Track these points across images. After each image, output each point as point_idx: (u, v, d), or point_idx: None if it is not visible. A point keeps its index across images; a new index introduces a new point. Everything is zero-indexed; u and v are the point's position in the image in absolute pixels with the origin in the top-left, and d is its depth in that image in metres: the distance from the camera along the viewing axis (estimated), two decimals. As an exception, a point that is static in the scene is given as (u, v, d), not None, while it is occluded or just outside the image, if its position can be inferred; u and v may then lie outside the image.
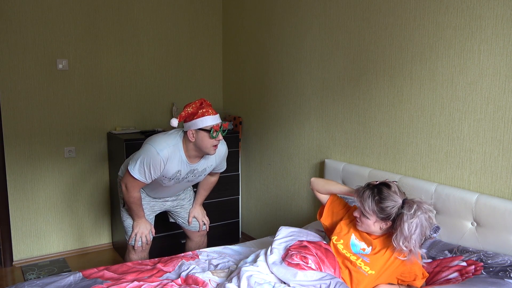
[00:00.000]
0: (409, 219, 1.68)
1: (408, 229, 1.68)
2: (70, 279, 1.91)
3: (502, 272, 1.67)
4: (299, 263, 1.80)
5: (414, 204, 1.71)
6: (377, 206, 1.76)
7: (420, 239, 1.72)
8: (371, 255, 1.84)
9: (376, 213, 1.77)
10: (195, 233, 2.69)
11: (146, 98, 3.70)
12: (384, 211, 1.75)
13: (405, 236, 1.69)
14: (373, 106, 2.52)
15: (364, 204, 1.78)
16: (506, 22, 1.87)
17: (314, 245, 1.91)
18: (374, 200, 1.76)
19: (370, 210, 1.77)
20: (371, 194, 1.78)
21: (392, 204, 1.74)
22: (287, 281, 1.76)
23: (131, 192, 2.27)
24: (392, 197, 1.75)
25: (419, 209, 1.70)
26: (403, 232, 1.69)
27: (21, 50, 3.17)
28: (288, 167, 3.25)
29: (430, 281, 1.83)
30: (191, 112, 2.16)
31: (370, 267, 1.81)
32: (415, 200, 1.74)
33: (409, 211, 1.69)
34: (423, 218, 1.70)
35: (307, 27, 2.95)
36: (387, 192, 1.76)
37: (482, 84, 1.97)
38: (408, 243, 1.69)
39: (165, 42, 3.72)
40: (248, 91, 3.67)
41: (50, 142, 3.35)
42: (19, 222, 3.32)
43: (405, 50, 2.30)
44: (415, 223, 1.68)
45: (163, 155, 2.16)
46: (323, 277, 1.74)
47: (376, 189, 1.79)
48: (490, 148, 1.97)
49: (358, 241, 1.90)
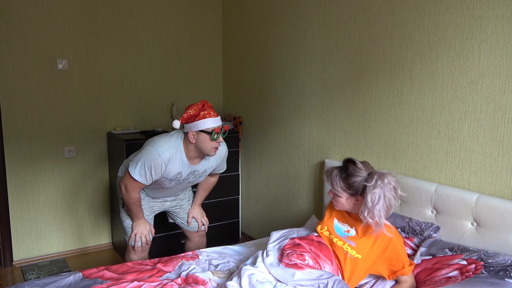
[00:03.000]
0: (371, 190, 1.70)
1: (371, 200, 1.70)
2: (70, 279, 1.92)
3: (502, 272, 1.67)
4: (296, 262, 1.81)
5: (375, 175, 1.73)
6: (345, 183, 1.80)
7: (385, 210, 1.72)
8: (357, 240, 1.86)
9: (345, 190, 1.81)
10: (194, 234, 2.69)
11: (146, 98, 3.70)
12: (352, 186, 1.79)
13: (368, 208, 1.71)
14: (373, 106, 2.52)
15: (333, 183, 1.84)
16: (506, 22, 1.87)
17: (306, 240, 1.94)
18: (341, 177, 1.81)
19: (339, 187, 1.82)
20: (338, 172, 1.83)
21: (358, 179, 1.78)
22: (286, 281, 1.77)
23: (130, 193, 2.27)
24: (357, 172, 1.79)
25: (380, 179, 1.71)
26: (367, 204, 1.71)
27: (21, 50, 3.17)
28: (288, 167, 3.25)
29: (429, 276, 1.82)
30: (193, 114, 2.16)
31: (356, 251, 1.84)
32: (378, 171, 1.76)
33: (370, 183, 1.71)
34: (386, 189, 1.70)
35: (307, 27, 2.95)
36: (352, 168, 1.80)
37: (482, 84, 1.97)
38: (372, 214, 1.71)
39: (165, 42, 3.73)
40: (248, 91, 3.67)
41: (50, 142, 3.35)
42: (19, 222, 3.32)
43: (405, 50, 2.30)
44: (377, 194, 1.69)
45: (165, 157, 2.16)
46: (321, 275, 1.75)
47: (343, 166, 1.83)
48: (490, 148, 1.97)
49: (341, 224, 1.93)
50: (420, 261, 1.91)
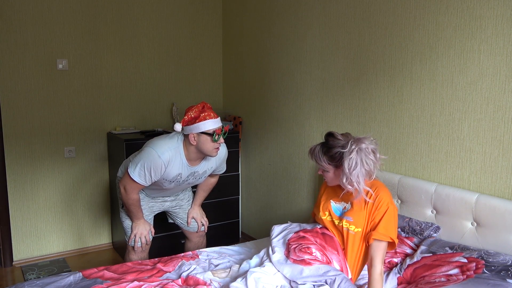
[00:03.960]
0: (347, 156, 1.71)
1: (348, 166, 1.71)
2: (70, 279, 1.92)
3: (504, 272, 1.66)
4: (304, 258, 1.82)
5: (350, 141, 1.74)
6: (327, 156, 1.82)
7: (363, 175, 1.72)
8: (353, 213, 1.85)
9: (329, 163, 1.82)
10: (194, 234, 2.69)
11: (146, 98, 3.70)
12: (334, 158, 1.80)
13: (346, 174, 1.72)
14: (373, 106, 2.52)
15: (317, 160, 1.84)
16: (506, 22, 1.87)
17: (311, 233, 1.94)
18: (323, 151, 1.82)
19: (324, 163, 1.82)
20: (320, 147, 1.84)
21: (338, 149, 1.78)
22: (295, 278, 1.78)
23: (130, 194, 2.26)
24: (337, 142, 1.80)
25: (355, 144, 1.72)
26: (344, 171, 1.72)
27: (21, 50, 3.17)
28: (288, 167, 3.25)
29: (428, 271, 1.82)
30: (194, 116, 2.17)
31: (355, 225, 1.84)
32: (354, 137, 1.76)
33: (345, 149, 1.73)
34: (363, 154, 1.71)
35: (307, 27, 2.95)
36: (332, 140, 1.82)
37: (482, 84, 1.97)
38: (350, 180, 1.72)
39: (165, 42, 3.73)
40: (248, 91, 3.67)
41: (50, 142, 3.35)
42: (19, 222, 3.32)
43: (405, 50, 2.30)
44: (354, 159, 1.70)
45: (164, 158, 2.16)
46: (328, 271, 1.76)
47: (321, 144, 1.86)
48: (490, 148, 1.97)
49: (338, 204, 1.93)
50: (420, 258, 1.91)
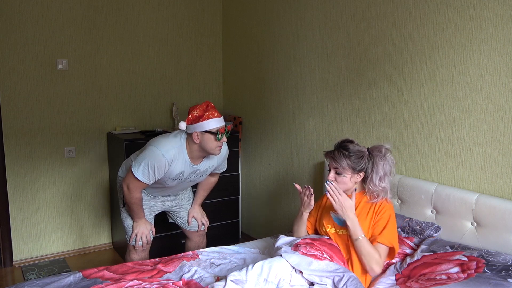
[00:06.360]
0: (381, 160, 1.92)
1: (383, 169, 1.91)
2: (70, 279, 1.91)
3: (505, 271, 1.66)
4: (315, 253, 1.83)
5: (382, 148, 1.94)
6: (350, 161, 1.91)
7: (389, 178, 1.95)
8: None
9: (352, 167, 1.91)
10: (194, 233, 2.69)
11: (146, 98, 3.70)
12: (358, 163, 1.91)
13: (380, 176, 1.90)
14: (373, 106, 2.52)
15: (338, 163, 1.91)
16: (506, 22, 1.87)
17: (320, 241, 1.95)
18: (346, 156, 1.91)
19: (346, 166, 1.90)
20: (341, 152, 1.92)
21: (361, 154, 1.93)
22: (301, 268, 1.78)
23: (133, 193, 2.27)
24: (358, 148, 1.94)
25: (388, 152, 1.94)
26: (379, 172, 1.90)
27: (21, 50, 3.17)
28: (288, 167, 3.25)
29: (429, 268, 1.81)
30: (198, 115, 2.19)
31: None
32: (379, 146, 1.97)
33: (380, 153, 1.93)
34: (389, 159, 1.94)
35: (307, 27, 2.95)
36: (352, 146, 1.94)
37: (482, 84, 1.97)
38: (383, 182, 1.91)
39: (165, 42, 3.72)
40: (248, 91, 3.67)
41: (50, 142, 3.35)
42: (19, 222, 3.32)
43: (405, 50, 2.30)
44: (388, 164, 1.92)
45: (168, 157, 2.18)
46: (337, 269, 1.77)
47: (343, 147, 1.94)
48: (490, 148, 1.97)
49: (338, 215, 1.96)
50: (421, 256, 1.91)
